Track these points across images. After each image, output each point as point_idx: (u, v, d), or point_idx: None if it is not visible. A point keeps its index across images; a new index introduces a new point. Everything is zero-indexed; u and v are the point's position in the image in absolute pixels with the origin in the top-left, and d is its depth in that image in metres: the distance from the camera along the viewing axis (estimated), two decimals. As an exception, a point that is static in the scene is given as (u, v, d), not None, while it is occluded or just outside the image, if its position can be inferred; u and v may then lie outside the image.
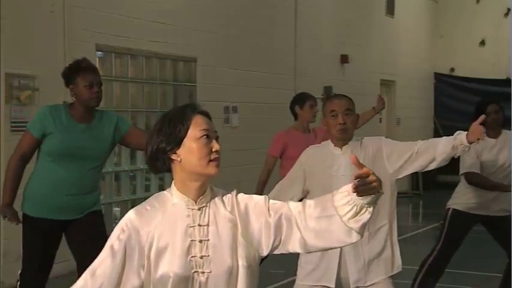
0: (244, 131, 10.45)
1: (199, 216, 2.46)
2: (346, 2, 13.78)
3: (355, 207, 2.37)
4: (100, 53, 8.35)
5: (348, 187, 2.38)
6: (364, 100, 14.21)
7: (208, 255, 2.41)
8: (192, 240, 2.42)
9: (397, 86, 16.08)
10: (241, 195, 2.55)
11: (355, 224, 2.39)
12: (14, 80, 7.09)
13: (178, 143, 2.43)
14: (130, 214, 2.45)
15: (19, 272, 4.66)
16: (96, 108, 4.74)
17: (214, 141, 2.46)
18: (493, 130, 5.47)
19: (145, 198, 2.58)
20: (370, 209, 2.38)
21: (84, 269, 2.45)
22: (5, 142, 7.02)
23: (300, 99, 6.52)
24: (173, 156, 2.45)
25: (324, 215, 2.42)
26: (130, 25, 8.55)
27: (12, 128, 7.04)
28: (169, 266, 2.38)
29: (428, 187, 15.31)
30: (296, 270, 4.25)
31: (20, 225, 4.68)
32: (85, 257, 4.67)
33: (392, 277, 4.18)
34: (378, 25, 15.16)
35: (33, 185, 4.64)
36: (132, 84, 8.91)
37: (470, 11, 17.29)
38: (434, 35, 17.79)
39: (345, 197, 2.39)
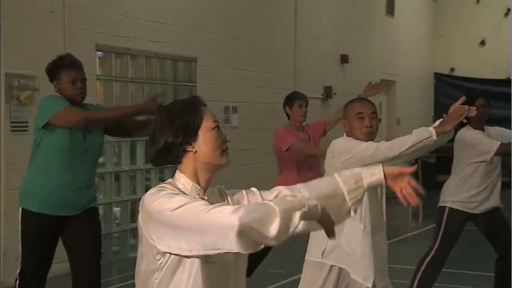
0: (244, 131, 10.45)
1: None
2: (346, 2, 13.78)
3: (361, 194, 2.51)
4: (100, 53, 8.35)
5: (359, 170, 2.54)
6: (364, 100, 14.22)
7: None
8: None
9: (397, 86, 16.08)
10: (231, 190, 2.60)
11: (355, 206, 2.52)
12: (14, 80, 7.09)
13: (194, 134, 2.46)
14: (153, 191, 2.43)
15: (18, 271, 4.67)
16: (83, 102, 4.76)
17: (223, 132, 2.53)
18: (479, 124, 5.65)
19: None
20: (365, 194, 2.54)
21: (78, 269, 2.43)
22: (5, 142, 7.03)
23: (289, 99, 6.49)
24: (188, 148, 2.46)
25: (331, 194, 2.51)
26: (130, 25, 8.55)
27: (12, 128, 7.05)
28: None
29: (428, 187, 15.23)
30: (295, 269, 4.24)
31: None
32: (78, 257, 4.68)
33: None
34: (378, 25, 15.16)
35: (37, 181, 4.62)
36: (132, 84, 8.91)
37: (470, 11, 17.29)
38: (434, 35, 17.79)
39: (355, 181, 2.52)
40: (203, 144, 2.46)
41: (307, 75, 12.16)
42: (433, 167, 15.87)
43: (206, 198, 2.48)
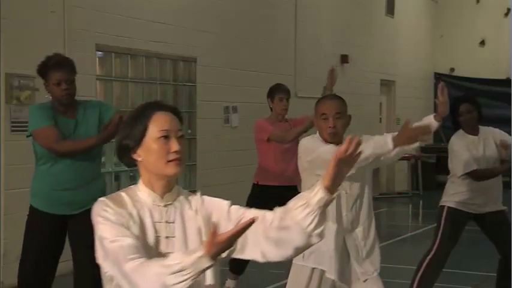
0: (244, 131, 10.44)
1: (166, 213, 2.45)
2: (346, 2, 13.78)
3: (316, 217, 2.35)
4: (100, 53, 8.35)
5: (306, 195, 2.38)
6: (364, 100, 14.25)
7: (173, 252, 2.35)
8: (157, 236, 2.41)
9: (397, 86, 16.08)
10: (206, 198, 2.53)
11: (318, 231, 2.38)
12: (14, 80, 7.09)
13: (138, 142, 2.42)
14: (101, 200, 2.40)
15: (18, 268, 4.68)
16: (79, 100, 4.74)
17: (173, 140, 2.41)
18: (469, 128, 5.62)
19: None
20: (324, 212, 2.38)
21: (80, 269, 2.43)
22: (5, 142, 7.03)
23: (271, 92, 6.53)
24: (134, 156, 2.44)
25: (284, 226, 2.39)
26: (130, 25, 8.55)
27: (12, 128, 7.04)
28: None
29: (428, 187, 15.31)
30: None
31: (21, 225, 4.70)
32: (81, 257, 4.67)
33: None
34: (378, 25, 15.16)
35: (39, 180, 4.68)
36: (132, 84, 8.91)
37: (470, 11, 17.30)
38: (434, 35, 17.80)
39: (303, 210, 2.36)
40: (147, 153, 2.41)
41: (307, 75, 12.15)
42: (433, 167, 15.88)
43: (163, 204, 2.45)
